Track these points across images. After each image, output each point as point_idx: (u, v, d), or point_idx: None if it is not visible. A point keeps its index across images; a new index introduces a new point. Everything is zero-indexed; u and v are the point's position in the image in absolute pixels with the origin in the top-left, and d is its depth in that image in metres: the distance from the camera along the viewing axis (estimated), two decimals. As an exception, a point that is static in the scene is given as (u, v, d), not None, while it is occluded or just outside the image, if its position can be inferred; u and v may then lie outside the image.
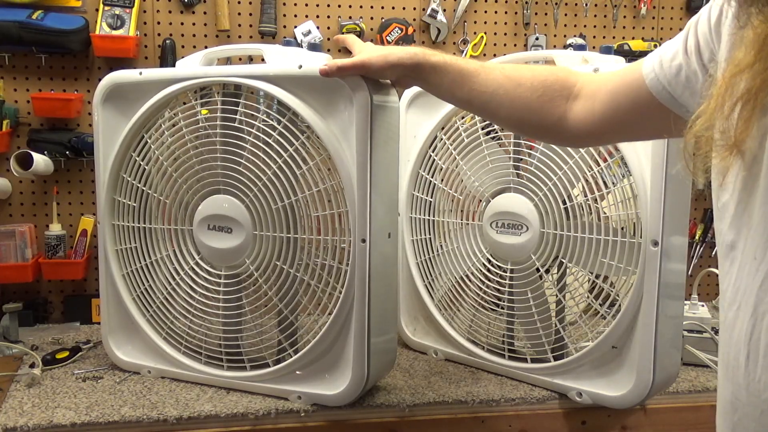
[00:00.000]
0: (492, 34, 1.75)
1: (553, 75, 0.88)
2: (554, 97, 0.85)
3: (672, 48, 0.71)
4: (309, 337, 1.15)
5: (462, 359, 1.35)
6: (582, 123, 0.83)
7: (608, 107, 0.79)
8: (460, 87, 0.92)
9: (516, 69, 0.91)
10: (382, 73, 1.00)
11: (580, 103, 0.83)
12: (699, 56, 0.67)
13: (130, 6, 1.54)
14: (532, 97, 0.86)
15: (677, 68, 0.69)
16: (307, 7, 1.66)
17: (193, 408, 1.11)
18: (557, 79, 0.86)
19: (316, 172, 1.10)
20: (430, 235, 1.38)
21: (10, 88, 1.55)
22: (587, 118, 0.82)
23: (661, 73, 0.71)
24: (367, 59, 0.99)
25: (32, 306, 1.56)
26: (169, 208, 1.22)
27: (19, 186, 1.58)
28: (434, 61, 0.94)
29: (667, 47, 0.72)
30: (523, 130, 0.94)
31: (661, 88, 0.71)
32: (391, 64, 0.97)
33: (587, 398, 1.17)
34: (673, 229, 1.07)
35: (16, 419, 1.06)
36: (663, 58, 0.72)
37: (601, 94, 0.81)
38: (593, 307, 1.18)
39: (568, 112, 0.84)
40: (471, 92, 0.91)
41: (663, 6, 1.81)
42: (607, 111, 0.80)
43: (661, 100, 0.72)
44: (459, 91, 0.93)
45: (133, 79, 1.21)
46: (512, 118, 0.90)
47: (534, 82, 0.87)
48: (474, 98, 0.91)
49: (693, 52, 0.67)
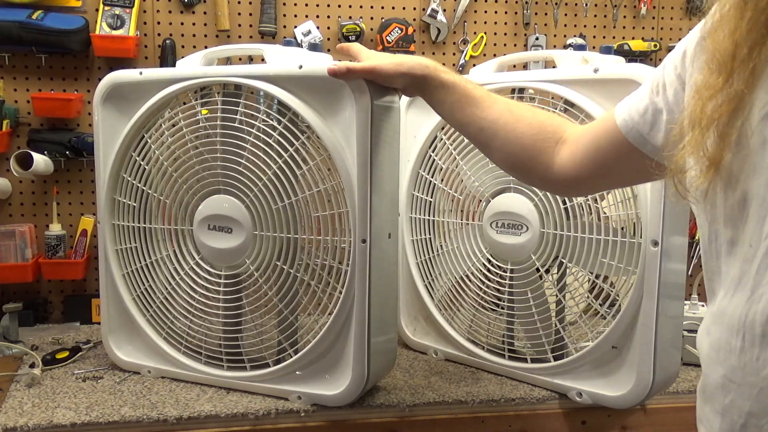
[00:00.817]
0: (492, 34, 1.75)
1: (550, 119, 0.90)
2: (546, 138, 0.86)
3: (641, 91, 0.74)
4: (309, 337, 1.15)
5: (462, 359, 1.35)
6: (566, 167, 0.84)
7: (589, 152, 0.81)
8: (462, 109, 0.93)
9: (519, 106, 0.92)
10: (391, 80, 1.00)
11: (565, 147, 0.85)
12: (664, 94, 0.70)
13: (130, 6, 1.54)
14: (527, 134, 0.87)
15: (644, 108, 0.73)
16: (307, 7, 1.66)
17: (193, 408, 1.11)
18: (552, 123, 0.88)
19: (317, 172, 1.10)
20: (430, 235, 1.38)
21: (10, 88, 1.55)
22: (570, 162, 0.84)
23: (628, 115, 0.75)
24: (378, 65, 0.99)
25: (32, 306, 1.56)
26: (169, 208, 1.22)
27: (19, 186, 1.58)
28: (444, 78, 0.95)
29: (636, 92, 0.76)
30: (511, 166, 0.93)
31: (631, 128, 0.74)
32: (401, 72, 0.97)
33: (587, 398, 1.17)
34: (673, 229, 1.07)
35: (16, 419, 1.06)
36: (631, 102, 0.75)
37: (584, 139, 0.82)
38: (593, 307, 1.18)
39: (554, 156, 0.86)
40: (471, 116, 0.92)
41: (663, 6, 1.81)
42: (588, 155, 0.81)
43: (633, 142, 0.74)
44: (459, 113, 0.94)
45: (134, 79, 1.21)
46: (503, 151, 0.91)
47: (533, 121, 0.88)
48: (472, 123, 0.92)
49: (659, 91, 0.70)
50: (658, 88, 0.71)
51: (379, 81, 1.02)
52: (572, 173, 0.84)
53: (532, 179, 0.96)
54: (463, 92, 0.93)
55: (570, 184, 0.87)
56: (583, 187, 0.91)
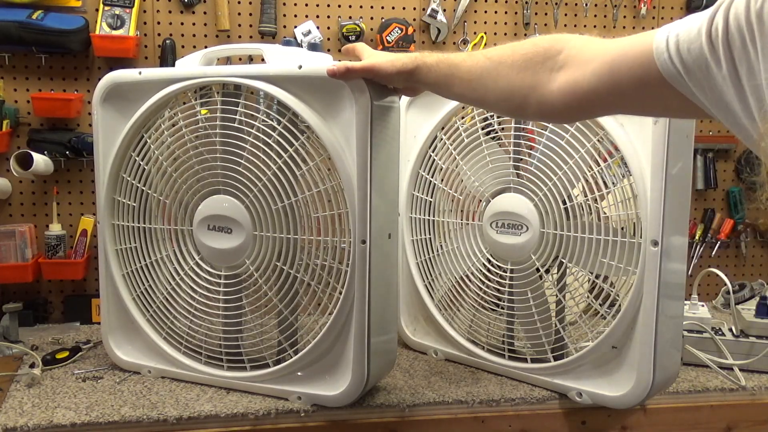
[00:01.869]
0: (492, 34, 1.75)
1: (535, 46, 0.81)
2: (537, 70, 0.78)
3: (693, 26, 0.60)
4: (309, 337, 1.15)
5: (462, 359, 1.35)
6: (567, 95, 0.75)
7: (603, 79, 0.71)
8: (452, 80, 0.91)
9: (498, 49, 0.86)
10: (390, 78, 1.01)
11: (566, 73, 0.75)
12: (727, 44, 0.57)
13: (130, 6, 1.54)
14: (512, 73, 0.81)
15: (697, 52, 0.59)
16: (307, 7, 1.66)
17: (193, 408, 1.11)
18: (538, 51, 0.80)
19: (316, 172, 1.10)
20: (430, 235, 1.38)
21: (10, 88, 1.55)
22: (573, 89, 0.74)
23: (675, 54, 0.61)
24: (376, 63, 0.99)
25: (32, 306, 1.56)
26: (169, 208, 1.22)
27: (19, 186, 1.58)
28: (429, 60, 0.95)
29: (686, 24, 0.61)
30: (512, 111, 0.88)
31: (675, 72, 0.62)
32: (397, 68, 0.98)
33: (587, 398, 1.17)
34: (673, 229, 1.07)
35: (16, 419, 1.06)
36: (680, 38, 0.61)
37: (596, 64, 0.72)
38: (593, 307, 1.18)
39: (550, 83, 0.77)
40: (462, 83, 0.90)
41: (663, 6, 1.82)
42: (602, 83, 0.71)
43: (675, 85, 0.62)
44: (455, 86, 0.92)
45: (133, 78, 1.21)
46: (500, 101, 0.85)
47: (514, 57, 0.82)
48: (465, 89, 0.90)
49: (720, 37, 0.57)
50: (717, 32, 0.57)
51: (378, 79, 1.02)
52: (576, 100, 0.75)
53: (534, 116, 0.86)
54: (446, 64, 0.92)
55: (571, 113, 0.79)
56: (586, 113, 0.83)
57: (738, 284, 1.75)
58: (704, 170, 1.86)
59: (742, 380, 1.26)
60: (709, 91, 0.60)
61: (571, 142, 1.15)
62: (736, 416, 1.25)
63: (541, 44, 0.81)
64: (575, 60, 0.75)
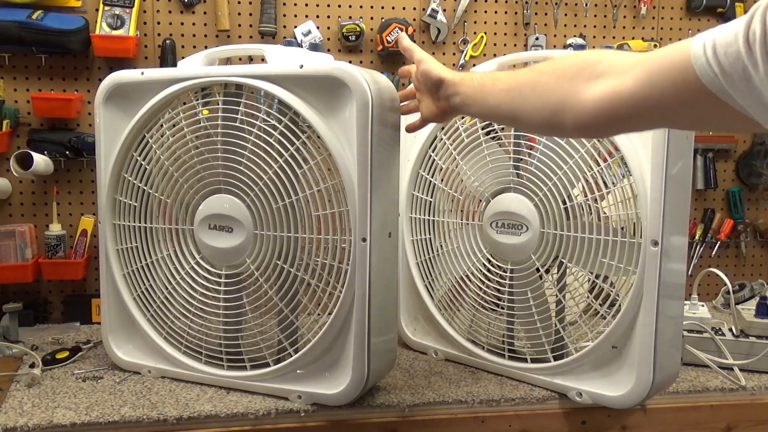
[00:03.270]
0: (492, 34, 1.75)
1: (574, 57, 0.81)
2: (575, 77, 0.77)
3: (729, 31, 0.60)
4: (309, 336, 1.15)
5: (462, 359, 1.35)
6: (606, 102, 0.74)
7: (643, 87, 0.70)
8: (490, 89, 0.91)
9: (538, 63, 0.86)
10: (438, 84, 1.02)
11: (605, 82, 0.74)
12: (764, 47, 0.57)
13: (130, 6, 1.54)
14: (551, 80, 0.80)
15: (734, 56, 0.59)
16: (307, 7, 1.66)
17: (193, 408, 1.11)
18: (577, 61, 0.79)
19: (317, 171, 1.10)
20: (430, 235, 1.38)
21: (10, 88, 1.55)
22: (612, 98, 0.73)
23: (713, 58, 0.61)
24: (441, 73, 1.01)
25: (32, 306, 1.56)
26: (170, 208, 1.22)
27: (19, 186, 1.58)
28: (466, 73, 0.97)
29: (722, 29, 0.61)
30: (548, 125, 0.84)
31: (713, 76, 0.61)
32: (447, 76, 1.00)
33: (587, 398, 1.17)
34: (673, 229, 1.07)
35: (16, 419, 1.06)
36: (717, 42, 0.61)
37: (635, 72, 0.71)
38: (593, 307, 1.18)
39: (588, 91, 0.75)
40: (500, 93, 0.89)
41: (663, 6, 1.82)
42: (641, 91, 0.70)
43: (713, 89, 0.62)
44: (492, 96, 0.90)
45: (135, 79, 1.21)
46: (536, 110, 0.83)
47: (554, 65, 0.82)
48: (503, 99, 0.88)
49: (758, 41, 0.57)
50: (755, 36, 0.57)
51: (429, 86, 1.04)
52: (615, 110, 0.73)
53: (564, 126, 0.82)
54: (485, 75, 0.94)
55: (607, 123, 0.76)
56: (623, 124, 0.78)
57: (738, 284, 1.75)
58: (704, 170, 1.86)
59: (742, 380, 1.26)
60: (748, 93, 0.60)
61: (571, 141, 1.15)
62: (736, 416, 1.25)
63: (580, 55, 0.82)
64: (614, 69, 0.74)
